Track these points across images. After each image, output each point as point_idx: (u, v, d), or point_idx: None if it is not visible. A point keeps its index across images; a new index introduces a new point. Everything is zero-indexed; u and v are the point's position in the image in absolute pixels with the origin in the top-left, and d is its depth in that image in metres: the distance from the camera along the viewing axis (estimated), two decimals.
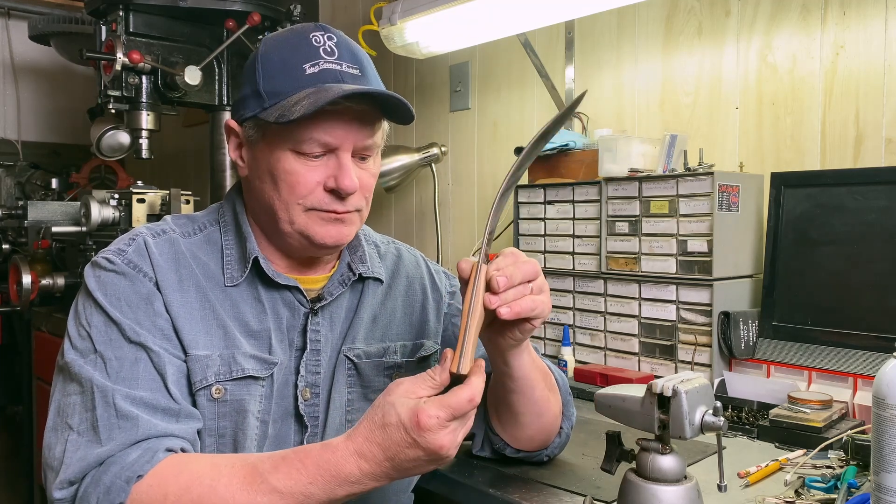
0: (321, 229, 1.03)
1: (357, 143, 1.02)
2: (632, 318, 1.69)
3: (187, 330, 0.99)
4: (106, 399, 0.91)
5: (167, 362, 0.96)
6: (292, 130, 0.99)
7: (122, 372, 0.94)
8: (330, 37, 1.04)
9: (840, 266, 1.47)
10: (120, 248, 1.03)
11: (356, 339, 1.12)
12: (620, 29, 2.06)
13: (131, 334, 0.95)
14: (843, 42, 1.62)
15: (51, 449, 0.91)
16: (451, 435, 0.83)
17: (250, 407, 1.01)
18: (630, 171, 1.70)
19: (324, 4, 3.10)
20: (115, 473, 0.86)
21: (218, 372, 0.99)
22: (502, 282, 0.88)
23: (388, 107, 1.03)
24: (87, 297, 1.00)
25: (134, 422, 0.90)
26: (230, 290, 1.05)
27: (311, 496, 0.84)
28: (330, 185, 1.01)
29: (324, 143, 1.00)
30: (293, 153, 1.00)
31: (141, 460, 0.87)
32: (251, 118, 1.03)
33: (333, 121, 0.99)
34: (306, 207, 1.02)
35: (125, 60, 2.14)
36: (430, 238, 2.64)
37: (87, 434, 0.90)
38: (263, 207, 1.06)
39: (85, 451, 0.88)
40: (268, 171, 1.03)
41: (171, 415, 0.94)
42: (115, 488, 0.85)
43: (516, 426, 1.11)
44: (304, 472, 0.85)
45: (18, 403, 3.19)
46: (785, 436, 1.29)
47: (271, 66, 1.02)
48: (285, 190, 1.01)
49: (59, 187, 3.52)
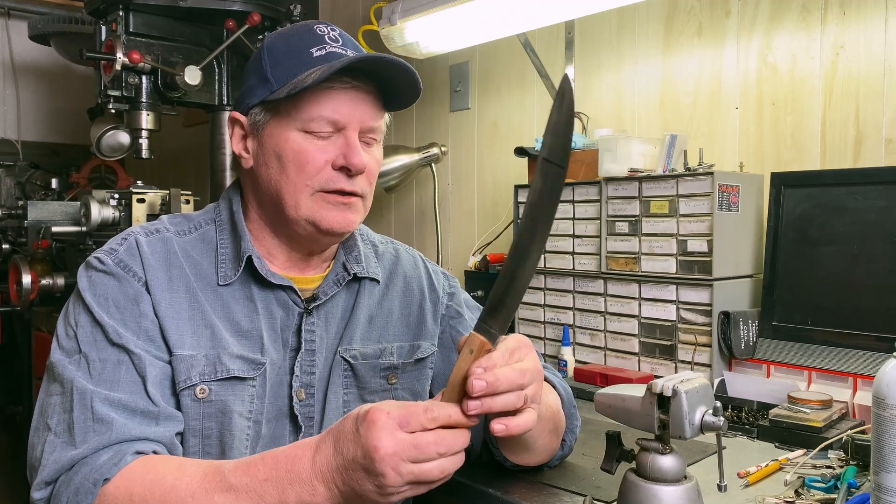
0: (328, 214, 1.04)
1: (364, 122, 1.04)
2: (632, 318, 1.69)
3: (174, 330, 1.00)
4: (84, 402, 0.92)
5: (148, 364, 0.96)
6: (301, 109, 1.01)
7: (104, 374, 0.94)
8: (333, 28, 1.07)
9: (840, 266, 1.47)
10: (112, 247, 1.04)
11: (352, 340, 1.12)
12: (620, 29, 2.06)
13: (114, 336, 0.96)
14: (843, 42, 1.62)
15: (33, 448, 0.93)
16: (391, 439, 0.76)
17: (235, 407, 1.01)
18: (630, 171, 1.70)
19: (324, 4, 3.10)
20: (84, 475, 0.87)
21: (202, 372, 0.99)
22: (478, 386, 0.77)
23: (392, 87, 1.05)
24: (78, 297, 1.01)
25: (108, 425, 0.90)
26: (222, 290, 1.05)
27: (263, 495, 0.82)
28: (339, 162, 1.02)
29: (332, 122, 1.02)
30: (301, 133, 1.02)
31: (109, 463, 0.87)
32: (258, 104, 1.05)
33: (342, 99, 1.01)
34: (314, 189, 1.03)
35: (125, 60, 2.14)
36: (430, 238, 2.64)
37: (63, 435, 0.91)
38: (269, 196, 1.06)
39: (60, 452, 0.89)
40: (275, 155, 1.03)
41: (150, 417, 0.94)
42: (84, 490, 0.86)
43: (518, 458, 1.10)
44: (263, 468, 0.84)
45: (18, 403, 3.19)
46: (785, 436, 1.29)
47: (278, 54, 1.04)
48: (293, 171, 1.02)
49: (59, 187, 3.52)
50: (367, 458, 0.77)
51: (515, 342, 0.85)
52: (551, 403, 1.05)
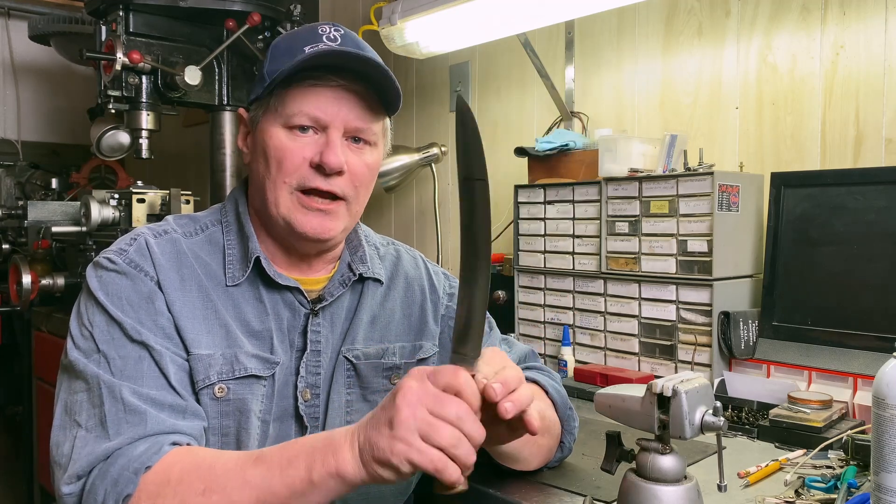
0: (303, 218, 1.03)
1: (349, 122, 1.03)
2: (632, 318, 1.69)
3: (189, 329, 0.99)
4: (113, 394, 0.91)
5: (169, 361, 0.96)
6: (286, 105, 1.02)
7: (126, 370, 0.94)
8: (337, 29, 1.06)
9: (840, 266, 1.47)
10: (121, 247, 1.03)
11: (355, 340, 1.12)
12: (620, 29, 2.06)
13: (133, 333, 0.95)
14: (843, 42, 1.62)
15: (59, 446, 0.91)
16: (417, 382, 0.78)
17: (252, 406, 1.01)
18: (630, 171, 1.70)
19: (324, 4, 3.10)
20: (122, 465, 0.86)
21: (220, 371, 0.99)
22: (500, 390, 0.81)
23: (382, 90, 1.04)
24: (89, 296, 1.00)
25: (142, 416, 0.90)
26: (232, 290, 1.05)
27: (293, 463, 0.82)
28: (315, 160, 1.02)
29: (313, 118, 1.01)
30: (285, 129, 1.03)
31: (148, 452, 0.87)
32: (255, 100, 1.07)
33: (326, 97, 1.01)
34: (292, 188, 1.03)
35: (125, 60, 2.14)
36: (430, 238, 2.64)
37: (95, 430, 0.90)
38: (258, 191, 1.07)
39: (93, 445, 0.88)
40: (262, 150, 1.05)
41: (178, 411, 0.94)
42: (123, 480, 0.85)
43: (513, 464, 1.11)
44: (301, 443, 0.85)
45: (18, 403, 3.19)
46: (785, 436, 1.29)
47: (277, 52, 1.06)
48: (274, 167, 1.03)
49: (59, 187, 3.52)
50: (390, 399, 0.79)
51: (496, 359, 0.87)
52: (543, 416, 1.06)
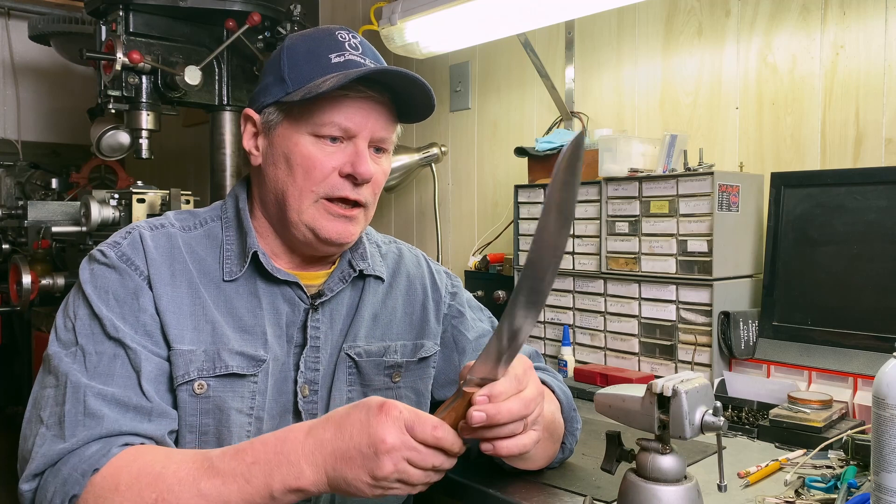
0: (328, 224, 1.04)
1: (375, 132, 1.04)
2: (632, 318, 1.69)
3: (174, 324, 1.00)
4: (77, 396, 0.91)
5: (144, 360, 0.96)
6: (313, 113, 1.02)
7: (99, 367, 0.94)
8: (354, 35, 1.08)
9: (840, 266, 1.47)
10: (116, 240, 1.04)
11: (357, 338, 1.12)
12: (620, 29, 2.06)
13: (111, 330, 0.96)
14: (843, 42, 1.62)
15: (25, 440, 0.93)
16: (398, 435, 0.79)
17: (233, 404, 1.01)
18: (630, 171, 1.70)
19: (324, 4, 3.10)
20: (72, 466, 0.87)
21: (201, 367, 1.00)
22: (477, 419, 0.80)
23: (407, 100, 1.06)
24: (78, 289, 1.01)
25: (99, 420, 0.90)
26: (226, 286, 1.05)
27: (249, 479, 0.82)
28: (346, 170, 1.03)
29: (344, 129, 1.02)
30: (311, 137, 1.03)
31: (98, 454, 0.88)
32: (273, 104, 1.05)
33: (355, 107, 1.02)
34: (319, 196, 1.03)
35: (125, 60, 2.14)
36: (430, 238, 2.64)
37: (53, 428, 0.91)
38: (275, 196, 1.07)
39: (49, 446, 0.89)
40: (283, 157, 1.04)
41: (143, 413, 0.94)
42: (72, 481, 0.86)
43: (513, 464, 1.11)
44: (251, 452, 0.84)
45: (18, 403, 3.19)
46: (785, 436, 1.29)
47: (297, 56, 1.05)
48: (300, 175, 1.03)
49: (59, 187, 3.52)
50: (371, 447, 0.79)
51: (522, 367, 0.86)
52: (547, 413, 1.05)
